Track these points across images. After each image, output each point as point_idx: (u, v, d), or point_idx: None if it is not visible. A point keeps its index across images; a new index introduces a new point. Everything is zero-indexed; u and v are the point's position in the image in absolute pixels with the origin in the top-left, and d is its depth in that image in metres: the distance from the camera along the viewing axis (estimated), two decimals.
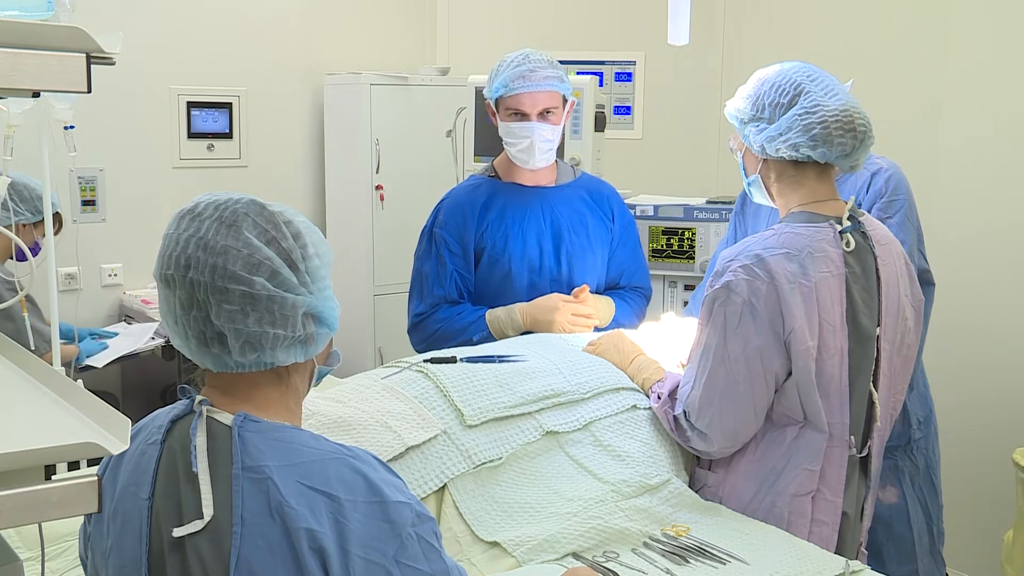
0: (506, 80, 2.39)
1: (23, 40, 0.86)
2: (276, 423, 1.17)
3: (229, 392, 1.19)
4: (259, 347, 1.15)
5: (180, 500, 1.14)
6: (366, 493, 1.12)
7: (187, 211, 1.18)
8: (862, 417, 1.88)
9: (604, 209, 2.59)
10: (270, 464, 1.11)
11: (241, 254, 1.13)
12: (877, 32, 3.67)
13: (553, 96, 2.41)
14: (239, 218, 1.16)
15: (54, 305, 2.76)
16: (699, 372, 1.84)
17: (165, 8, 4.09)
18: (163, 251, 1.17)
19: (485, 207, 2.51)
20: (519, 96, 2.38)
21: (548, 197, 2.54)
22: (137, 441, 1.22)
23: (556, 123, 2.43)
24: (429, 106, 4.24)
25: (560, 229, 2.52)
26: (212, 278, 1.12)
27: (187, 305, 1.14)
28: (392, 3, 4.76)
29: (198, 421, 1.16)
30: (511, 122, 2.42)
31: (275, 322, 1.15)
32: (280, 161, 4.50)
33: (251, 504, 1.09)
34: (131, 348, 3.53)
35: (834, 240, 1.81)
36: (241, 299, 1.13)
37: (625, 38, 4.36)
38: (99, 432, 0.92)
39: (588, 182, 2.63)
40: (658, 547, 1.66)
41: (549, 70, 2.39)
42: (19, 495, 0.85)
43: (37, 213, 3.12)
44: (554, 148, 2.48)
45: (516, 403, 1.88)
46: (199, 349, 1.16)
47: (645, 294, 2.68)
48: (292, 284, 1.16)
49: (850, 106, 1.79)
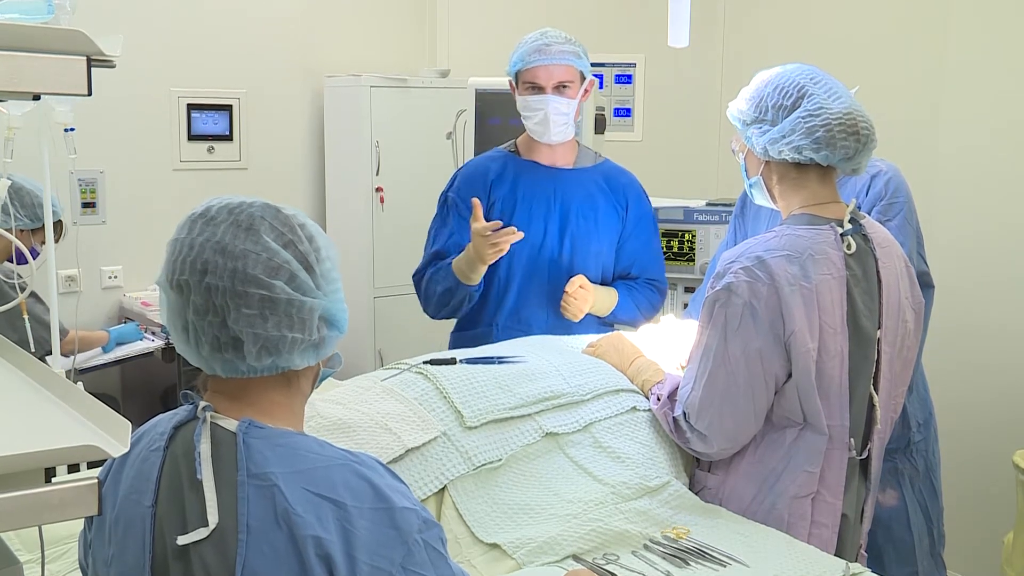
0: (523, 54, 2.47)
1: (24, 43, 0.86)
2: (281, 429, 1.16)
3: (235, 397, 1.18)
4: (275, 351, 1.14)
5: (184, 507, 1.13)
6: (372, 499, 1.12)
7: (198, 215, 1.17)
8: (862, 419, 1.88)
9: (619, 197, 2.60)
10: (276, 471, 1.10)
11: (260, 258, 1.13)
12: (876, 34, 3.67)
13: (569, 70, 2.46)
14: (255, 221, 1.15)
15: (54, 308, 2.76)
16: (699, 373, 1.84)
17: (165, 10, 4.09)
18: (174, 256, 1.16)
19: (499, 177, 2.57)
20: (535, 69, 2.45)
21: (562, 179, 2.57)
22: (139, 447, 1.21)
23: (572, 97, 2.48)
24: (429, 108, 4.24)
25: (568, 212, 2.54)
26: (232, 283, 1.12)
27: (203, 310, 1.13)
28: (392, 5, 4.76)
29: (202, 427, 1.15)
30: (528, 95, 2.48)
31: (293, 326, 1.15)
32: (280, 163, 4.50)
33: (257, 511, 1.09)
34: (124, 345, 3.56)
35: (835, 242, 1.81)
36: (260, 303, 1.12)
37: (625, 40, 4.37)
38: (99, 435, 0.92)
39: (608, 169, 2.64)
40: (658, 549, 1.66)
41: (566, 45, 2.46)
42: (19, 498, 0.85)
43: (36, 220, 3.12)
44: (570, 122, 2.52)
45: (516, 405, 1.88)
46: (211, 355, 1.15)
47: (659, 287, 2.67)
48: (309, 287, 1.16)
49: (853, 109, 1.79)
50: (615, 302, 2.55)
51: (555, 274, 2.53)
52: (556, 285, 2.52)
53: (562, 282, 2.51)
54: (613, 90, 4.43)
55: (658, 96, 4.38)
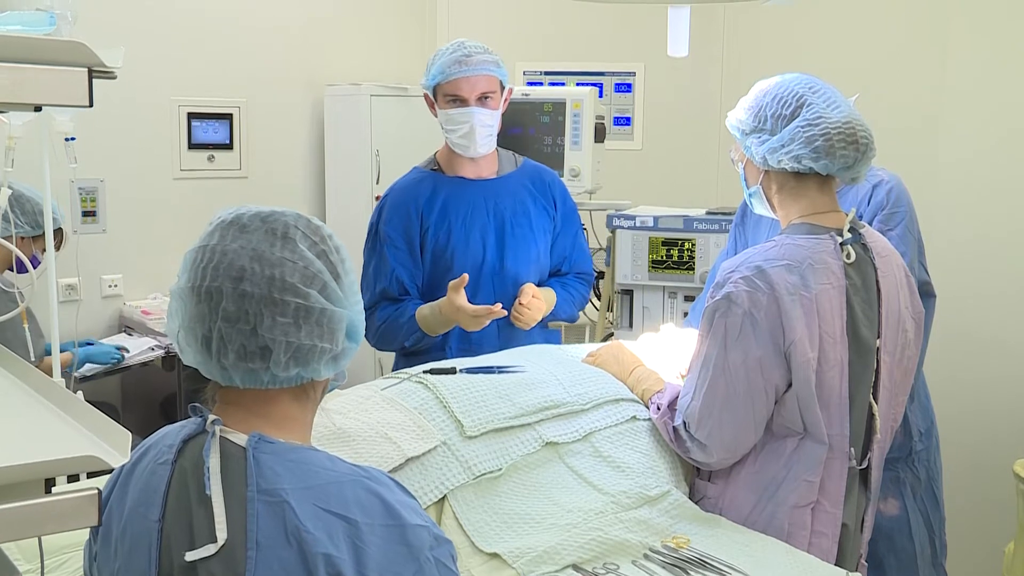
0: (443, 67, 2.42)
1: (25, 55, 0.87)
2: (291, 444, 1.15)
3: (248, 408, 1.16)
4: (304, 362, 1.14)
5: (192, 523, 1.11)
6: (384, 516, 1.11)
7: (229, 223, 1.16)
8: (862, 429, 1.87)
9: (547, 197, 2.60)
10: (286, 487, 1.09)
11: (297, 266, 1.13)
12: (876, 44, 3.68)
13: (491, 80, 2.44)
14: (290, 230, 1.15)
15: (54, 317, 2.76)
16: (699, 383, 1.84)
17: (166, 19, 4.10)
18: (201, 262, 1.14)
19: (429, 202, 2.51)
20: (457, 81, 2.41)
21: (491, 189, 2.54)
22: (146, 460, 1.19)
23: (495, 108, 2.45)
24: (429, 117, 4.22)
25: (503, 222, 2.52)
26: (269, 290, 1.11)
27: (234, 318, 1.11)
28: (392, 14, 4.77)
29: (211, 442, 1.13)
30: (450, 108, 2.44)
31: (323, 335, 1.14)
32: (280, 172, 4.50)
33: (266, 528, 1.07)
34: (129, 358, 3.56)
35: (835, 252, 1.81)
36: (295, 312, 1.12)
37: (625, 49, 4.38)
38: (99, 445, 0.92)
39: (531, 170, 2.63)
40: (658, 559, 1.66)
41: (485, 55, 2.43)
42: (19, 508, 0.85)
43: (37, 227, 3.12)
44: (494, 134, 2.49)
45: (516, 414, 1.88)
46: (235, 363, 1.12)
47: (587, 280, 2.69)
48: (338, 297, 1.16)
49: (852, 118, 1.79)
50: (555, 302, 2.55)
51: (499, 286, 2.50)
52: (501, 297, 2.48)
53: (506, 292, 2.49)
54: (613, 99, 4.44)
55: (658, 105, 4.39)
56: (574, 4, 3.31)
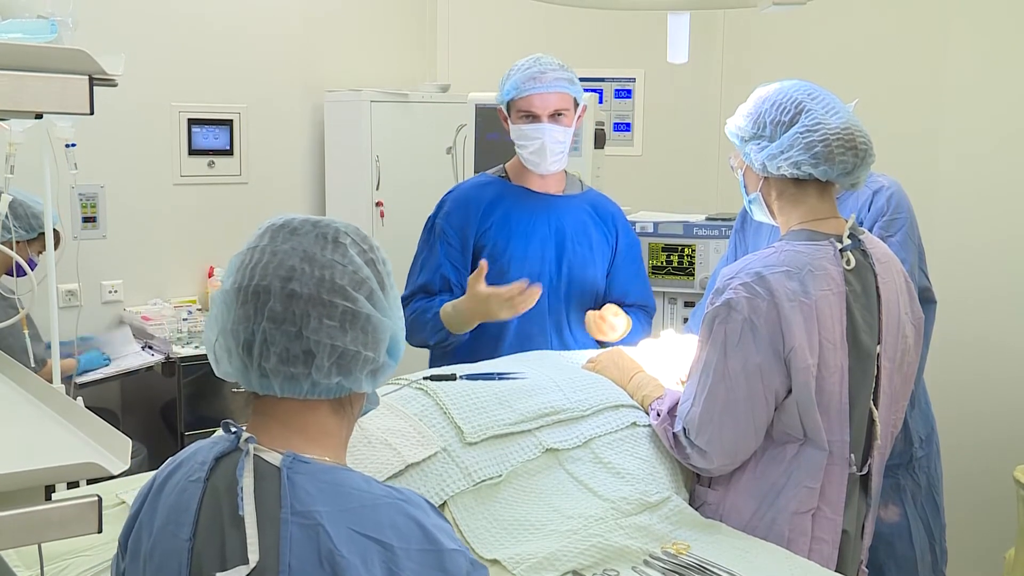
0: (517, 82, 2.40)
1: (26, 63, 0.87)
2: (326, 464, 1.13)
3: (284, 422, 1.15)
4: (347, 369, 1.12)
5: (224, 543, 1.09)
6: (420, 540, 1.09)
7: (280, 226, 1.16)
8: (862, 435, 1.87)
9: (608, 226, 2.59)
10: (320, 509, 1.07)
11: (347, 270, 1.13)
12: (875, 49, 3.69)
13: (564, 98, 2.42)
14: (340, 235, 1.16)
15: (54, 321, 2.76)
16: (699, 389, 1.84)
17: (166, 25, 4.11)
18: (250, 263, 1.13)
19: (491, 205, 2.51)
20: (530, 97, 2.40)
21: (555, 205, 2.53)
22: (177, 476, 1.17)
23: (568, 125, 2.44)
24: (429, 123, 4.25)
25: (564, 238, 2.51)
26: (318, 290, 1.10)
27: (279, 318, 1.10)
28: (392, 20, 4.78)
29: (244, 460, 1.11)
30: (523, 124, 2.43)
31: (367, 343, 1.13)
32: (280, 177, 4.51)
33: (299, 551, 1.05)
34: (123, 360, 3.56)
35: (834, 258, 1.81)
36: (342, 315, 1.11)
37: (624, 55, 4.39)
38: (100, 452, 0.92)
39: (594, 197, 2.63)
40: (658, 565, 1.66)
41: (560, 72, 2.41)
42: (20, 516, 0.85)
43: (32, 230, 3.12)
44: (566, 151, 2.48)
45: (516, 420, 1.88)
46: (277, 367, 1.11)
47: (650, 312, 2.68)
48: (384, 306, 1.16)
49: (851, 124, 1.79)
50: (630, 328, 2.53)
51: (554, 302, 2.49)
52: (555, 313, 2.48)
53: (560, 309, 2.49)
54: (613, 105, 4.45)
55: (657, 111, 4.40)
56: (574, 11, 3.32)
